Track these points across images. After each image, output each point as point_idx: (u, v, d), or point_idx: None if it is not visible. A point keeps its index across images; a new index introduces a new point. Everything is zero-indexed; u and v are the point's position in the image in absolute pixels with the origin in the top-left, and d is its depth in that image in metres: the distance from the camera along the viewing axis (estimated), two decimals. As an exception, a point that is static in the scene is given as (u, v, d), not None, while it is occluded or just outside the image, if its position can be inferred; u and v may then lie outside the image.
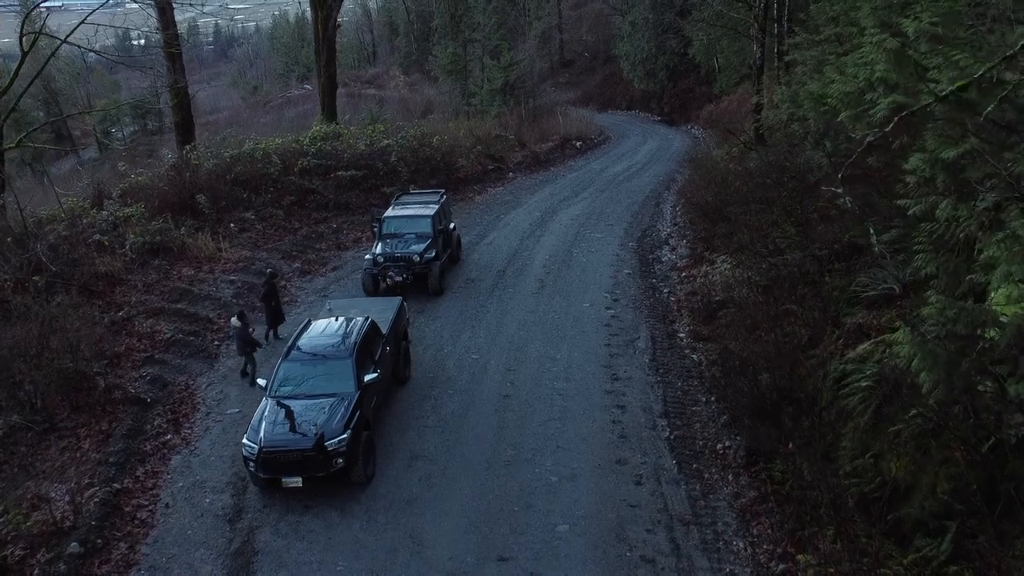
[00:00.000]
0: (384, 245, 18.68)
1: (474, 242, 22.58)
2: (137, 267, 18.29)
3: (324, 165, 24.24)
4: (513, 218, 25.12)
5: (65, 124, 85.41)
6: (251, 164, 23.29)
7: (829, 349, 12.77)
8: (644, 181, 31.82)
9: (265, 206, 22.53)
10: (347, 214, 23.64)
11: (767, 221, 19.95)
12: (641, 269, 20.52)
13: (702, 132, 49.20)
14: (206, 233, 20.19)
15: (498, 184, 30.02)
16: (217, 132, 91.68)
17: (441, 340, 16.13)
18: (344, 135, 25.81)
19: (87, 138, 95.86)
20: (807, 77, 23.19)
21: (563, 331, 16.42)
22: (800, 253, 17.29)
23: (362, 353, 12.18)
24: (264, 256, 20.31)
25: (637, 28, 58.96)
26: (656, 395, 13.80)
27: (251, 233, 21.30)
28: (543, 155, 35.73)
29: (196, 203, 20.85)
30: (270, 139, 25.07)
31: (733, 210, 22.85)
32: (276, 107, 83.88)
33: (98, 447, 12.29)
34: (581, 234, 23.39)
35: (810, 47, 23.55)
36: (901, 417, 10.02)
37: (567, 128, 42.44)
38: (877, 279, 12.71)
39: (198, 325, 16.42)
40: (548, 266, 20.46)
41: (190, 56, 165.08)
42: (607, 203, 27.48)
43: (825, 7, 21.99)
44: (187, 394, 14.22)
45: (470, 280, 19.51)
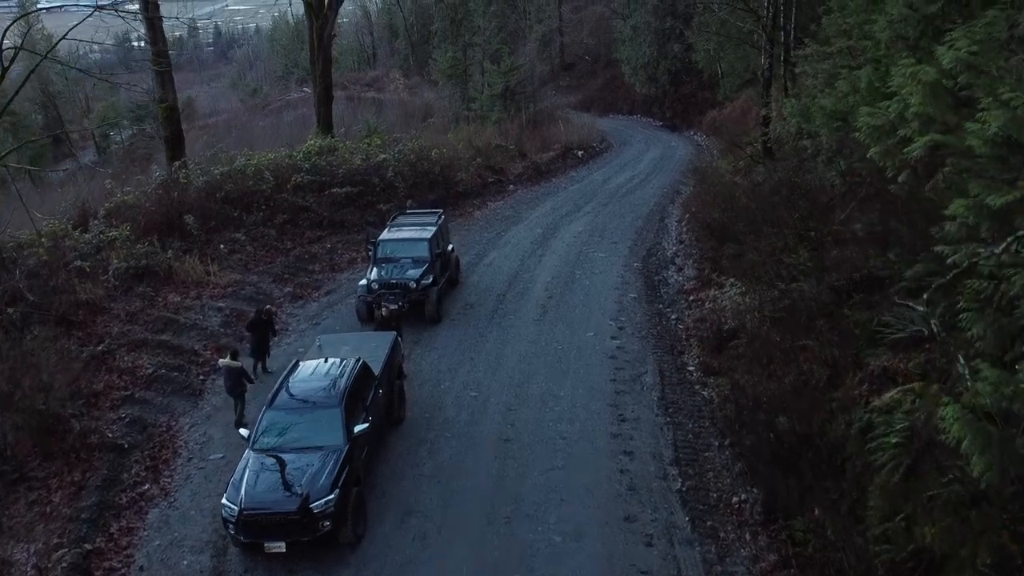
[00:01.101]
0: (379, 270, 17.87)
1: (473, 262, 21.76)
2: (121, 294, 17.47)
3: (318, 181, 23.43)
4: (514, 235, 24.29)
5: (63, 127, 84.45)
6: (242, 181, 22.47)
7: (851, 394, 11.94)
8: (648, 193, 31.00)
9: (257, 225, 21.72)
10: (342, 232, 22.82)
11: (778, 244, 19.15)
12: (647, 292, 19.70)
13: (705, 139, 48.44)
14: (194, 255, 19.38)
15: (498, 198, 29.20)
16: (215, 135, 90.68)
17: (439, 374, 15.31)
18: (340, 149, 24.99)
19: (86, 141, 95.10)
20: (817, 90, 22.40)
21: (566, 364, 15.60)
22: (815, 281, 16.49)
23: (352, 400, 11.36)
24: (255, 280, 19.51)
25: (639, 32, 58.19)
26: (666, 439, 12.98)
27: (241, 255, 20.49)
28: (544, 165, 34.91)
29: (184, 224, 20.03)
30: (263, 154, 24.25)
31: (741, 228, 22.07)
32: (275, 110, 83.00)
33: (70, 500, 11.48)
34: (584, 253, 22.56)
35: (821, 59, 22.74)
36: (937, 480, 9.22)
37: (568, 136, 41.63)
38: (903, 318, 11.90)
39: (183, 358, 15.61)
40: (550, 289, 19.64)
41: (190, 57, 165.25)
42: (610, 218, 26.65)
43: (837, 19, 21.17)
44: (168, 437, 13.41)
45: (469, 305, 18.69)
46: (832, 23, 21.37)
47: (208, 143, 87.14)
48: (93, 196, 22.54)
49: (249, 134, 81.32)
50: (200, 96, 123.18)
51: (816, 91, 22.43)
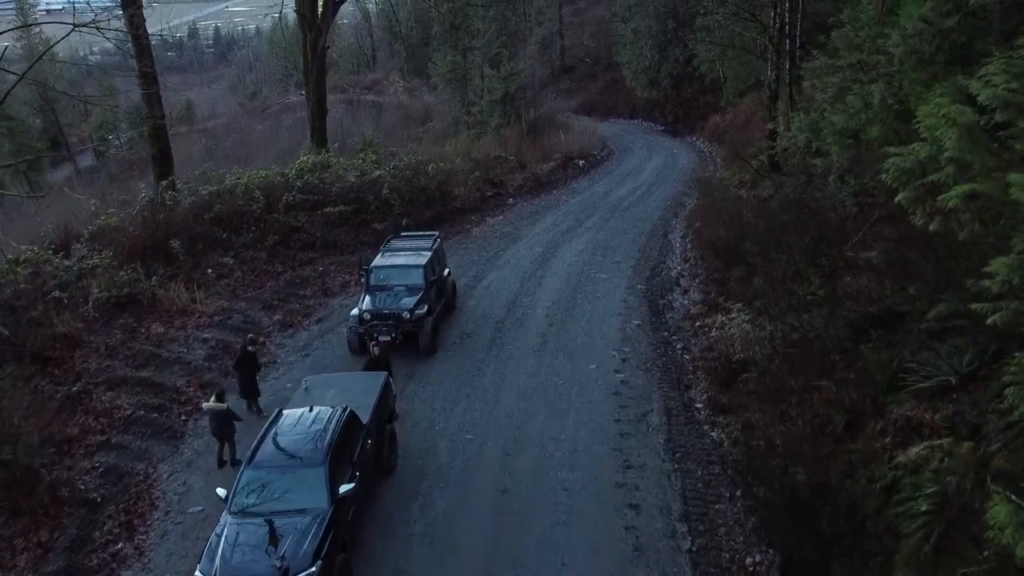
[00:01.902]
0: (371, 299, 17.09)
1: (471, 285, 20.98)
2: (101, 325, 16.69)
3: (311, 200, 22.65)
4: (513, 255, 23.50)
5: (61, 131, 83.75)
6: (232, 200, 21.69)
7: (873, 445, 11.15)
8: (651, 206, 30.20)
9: (246, 247, 20.94)
10: (335, 254, 22.04)
11: (788, 269, 18.36)
12: (651, 319, 18.92)
13: (708, 145, 47.66)
14: (179, 282, 18.60)
15: (497, 213, 28.41)
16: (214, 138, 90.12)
17: (433, 413, 14.53)
18: (333, 166, 24.20)
19: (84, 144, 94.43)
20: (827, 104, 21.62)
21: (568, 401, 14.81)
22: (828, 312, 15.69)
23: (338, 457, 10.58)
24: (243, 307, 18.73)
25: (639, 35, 57.45)
26: (674, 489, 12.19)
27: (229, 280, 19.71)
28: (545, 176, 34.13)
29: (170, 248, 19.25)
30: (254, 171, 23.47)
31: (748, 249, 21.29)
32: (274, 114, 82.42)
33: (35, 564, 10.72)
34: (586, 274, 21.78)
35: (830, 72, 21.95)
36: (973, 555, 8.46)
37: (569, 145, 40.83)
38: (926, 364, 11.10)
39: (164, 397, 14.83)
40: (551, 316, 18.86)
41: (190, 59, 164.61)
42: (612, 234, 25.86)
43: (847, 33, 20.37)
44: (145, 487, 12.63)
45: (466, 334, 17.91)
46: (842, 36, 20.58)
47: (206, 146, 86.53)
48: (78, 217, 21.74)
49: (247, 138, 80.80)
50: (199, 98, 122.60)
51: (825, 105, 21.66)
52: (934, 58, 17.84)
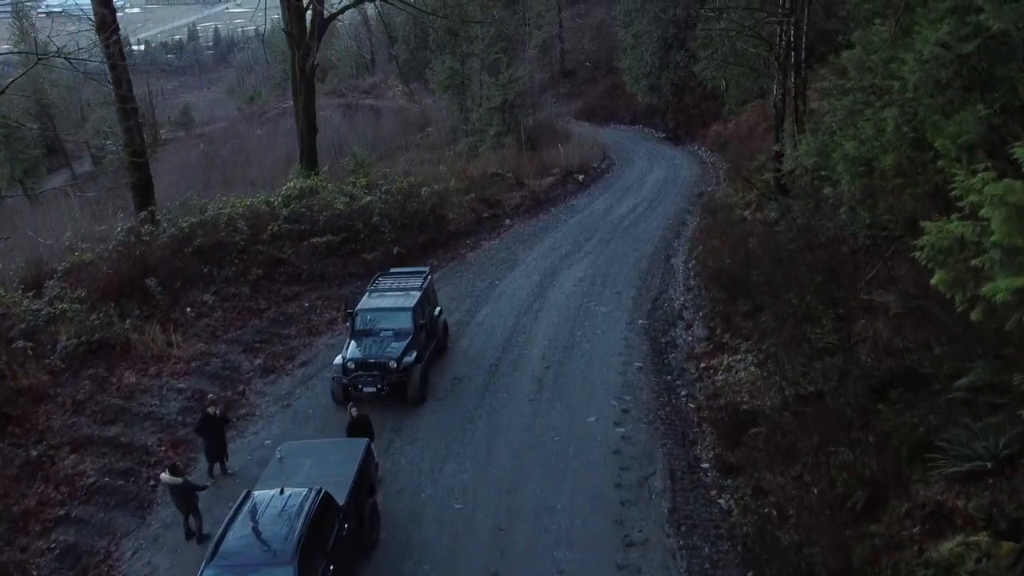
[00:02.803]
0: (356, 345, 16.10)
1: (464, 320, 20.00)
2: (69, 376, 15.71)
3: (297, 230, 21.66)
4: (509, 284, 22.51)
5: (57, 137, 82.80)
6: (214, 231, 20.72)
7: (899, 532, 10.15)
8: (652, 226, 29.17)
9: (228, 282, 19.96)
10: (322, 287, 21.06)
11: (798, 307, 17.37)
12: (653, 359, 17.92)
13: (710, 155, 46.71)
14: (156, 323, 17.64)
15: (493, 235, 27.40)
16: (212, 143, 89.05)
17: (419, 477, 13.54)
18: (322, 192, 23.19)
19: (82, 151, 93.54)
20: (836, 126, 20.59)
21: (565, 461, 13.82)
22: (842, 362, 14.70)
23: (309, 552, 9.58)
24: (222, 350, 17.75)
25: (640, 41, 56.51)
26: (679, 570, 11.20)
27: (209, 319, 18.73)
28: (543, 193, 33.12)
29: (147, 287, 18.27)
30: (238, 199, 22.48)
31: (754, 280, 20.32)
32: (272, 118, 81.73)
33: (-22, 669, 9.76)
34: (585, 307, 20.78)
35: (840, 94, 20.93)
36: None
37: (568, 158, 39.84)
38: (957, 442, 10.10)
39: (132, 459, 13.86)
40: (547, 357, 17.86)
41: (189, 61, 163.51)
42: (613, 259, 24.85)
43: (858, 55, 19.32)
44: (105, 569, 11.66)
45: (457, 380, 16.91)
46: (853, 59, 19.55)
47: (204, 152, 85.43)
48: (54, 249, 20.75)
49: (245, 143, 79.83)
50: (198, 101, 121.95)
51: (834, 127, 20.64)
52: (952, 83, 16.84)
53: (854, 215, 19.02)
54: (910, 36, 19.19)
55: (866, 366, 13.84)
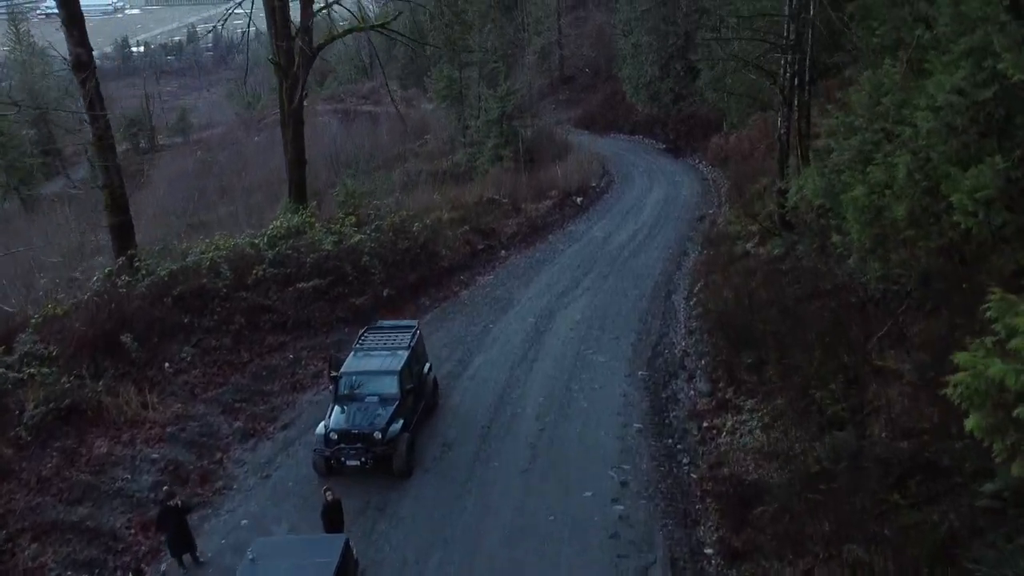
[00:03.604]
0: (340, 412, 15.25)
1: (455, 372, 19.17)
2: (36, 447, 14.87)
3: (283, 274, 20.80)
4: (503, 328, 21.66)
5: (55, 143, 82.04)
6: (196, 277, 19.87)
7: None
8: (652, 257, 28.31)
9: (209, 332, 19.12)
10: (307, 335, 20.22)
11: (805, 365, 16.53)
12: (653, 419, 17.10)
13: (710, 170, 45.93)
14: (130, 384, 16.80)
15: (488, 270, 26.55)
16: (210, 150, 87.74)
17: (403, 569, 12.67)
18: (309, 232, 22.32)
19: (79, 156, 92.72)
20: (844, 166, 19.73)
21: (559, 548, 12.97)
22: (854, 438, 13.85)
23: None
24: (200, 412, 16.91)
25: (640, 50, 55.77)
26: None
27: (188, 376, 17.89)
28: (540, 220, 32.26)
29: (122, 343, 17.43)
30: (222, 239, 21.61)
31: (759, 327, 19.50)
32: (269, 124, 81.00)
33: None
34: (582, 356, 19.94)
35: (848, 133, 20.08)
36: None
37: (567, 177, 39.04)
38: (986, 563, 9.24)
39: (98, 546, 13.02)
40: (542, 417, 17.02)
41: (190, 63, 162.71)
42: (611, 298, 23.99)
43: (867, 98, 18.43)
44: None
45: (447, 445, 16.06)
46: (862, 101, 18.67)
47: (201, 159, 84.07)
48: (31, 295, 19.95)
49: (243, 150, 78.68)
50: (198, 103, 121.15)
51: (842, 166, 19.79)
52: (967, 130, 16.01)
53: (864, 265, 18.16)
54: (922, 77, 18.33)
55: (880, 447, 13.01)
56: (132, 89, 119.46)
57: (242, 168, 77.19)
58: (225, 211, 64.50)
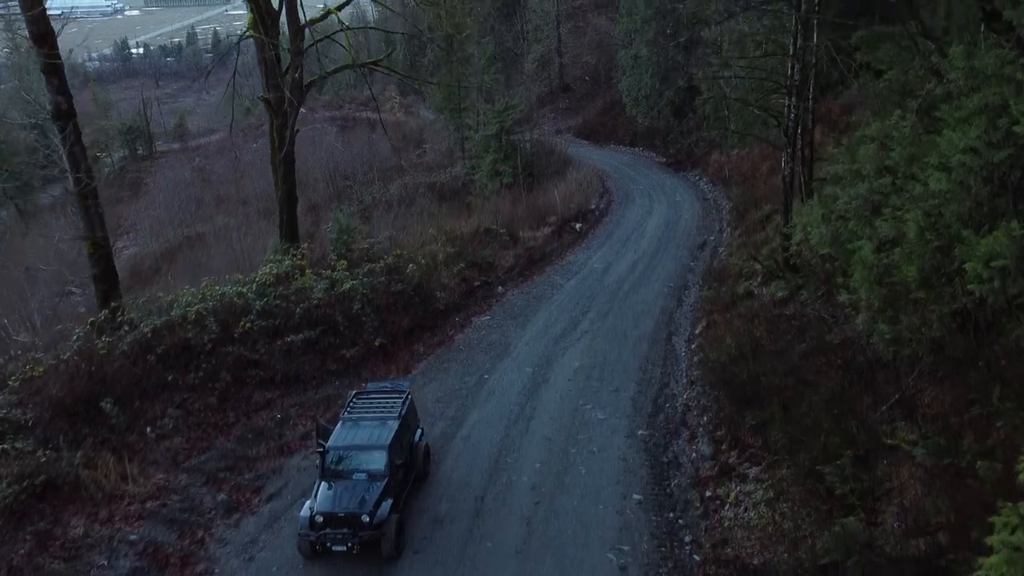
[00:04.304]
0: (326, 489, 14.56)
1: (448, 432, 18.51)
2: (8, 531, 14.24)
3: (271, 326, 20.15)
4: (499, 380, 20.99)
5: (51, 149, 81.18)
6: (181, 331, 19.22)
7: None
8: (652, 291, 27.66)
9: (193, 391, 18.48)
10: (296, 391, 19.58)
11: (812, 437, 15.88)
12: (654, 487, 16.44)
13: (711, 187, 45.38)
14: (109, 454, 16.16)
15: (485, 308, 25.89)
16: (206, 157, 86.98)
17: (391, 671, 12.09)
18: (299, 279, 21.67)
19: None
20: (851, 215, 19.06)
21: (554, 649, 12.36)
22: (865, 528, 13.21)
23: None
24: (183, 482, 16.26)
25: (640, 62, 55.23)
26: None
27: (171, 441, 17.25)
28: (538, 250, 31.62)
29: (101, 408, 16.80)
30: (209, 287, 20.92)
31: (764, 383, 18.87)
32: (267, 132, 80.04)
33: None
34: (580, 413, 19.29)
35: (854, 180, 19.42)
36: None
37: (567, 200, 38.46)
38: None
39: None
40: (538, 487, 16.35)
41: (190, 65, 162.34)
42: (611, 341, 23.32)
43: (874, 151, 17.73)
44: None
45: (438, 521, 15.37)
46: (869, 154, 17.99)
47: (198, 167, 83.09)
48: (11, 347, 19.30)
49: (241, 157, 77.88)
50: (196, 108, 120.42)
51: (849, 214, 19.13)
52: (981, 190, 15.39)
53: (872, 325, 17.48)
54: (933, 126, 17.69)
55: (893, 543, 12.37)
56: (131, 91, 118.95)
57: (239, 177, 76.59)
58: (222, 222, 63.93)
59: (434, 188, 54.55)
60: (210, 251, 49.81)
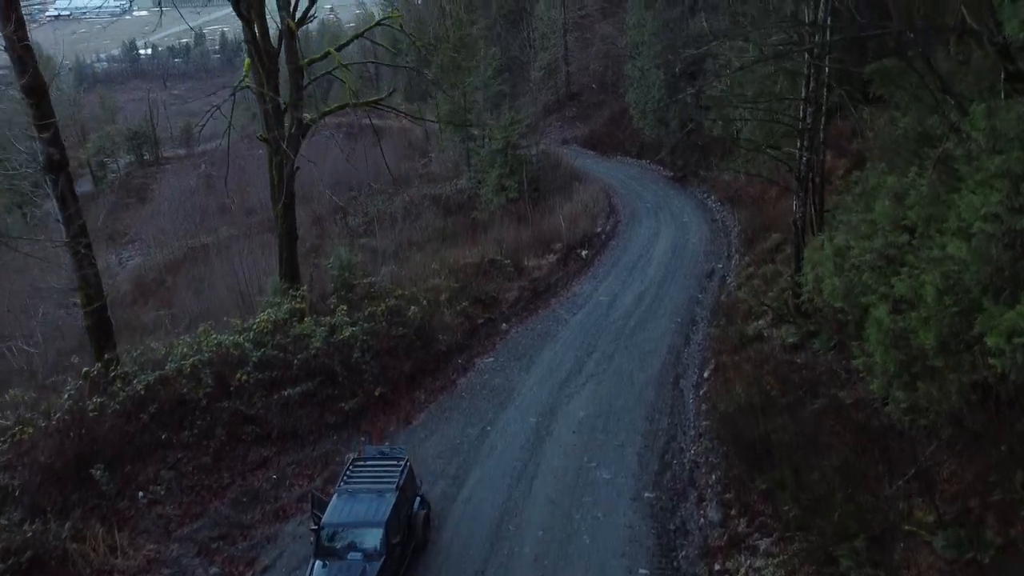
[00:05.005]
0: (319, 569, 14.08)
1: (449, 494, 17.96)
2: (-8, 615, 13.82)
3: (269, 378, 19.66)
4: (502, 431, 20.44)
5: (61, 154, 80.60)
6: (175, 386, 18.75)
7: None
8: (659, 328, 27.04)
9: (187, 450, 18.01)
10: (293, 448, 19.08)
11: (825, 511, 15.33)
12: (660, 560, 15.91)
13: (719, 207, 44.72)
14: (98, 524, 15.69)
15: (488, 349, 25.32)
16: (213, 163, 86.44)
17: None
18: (299, 325, 21.16)
19: (83, 168, 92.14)
20: (866, 266, 18.45)
21: None
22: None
23: None
24: (175, 553, 15.78)
25: (647, 75, 54.64)
26: None
27: (163, 507, 16.76)
28: (542, 281, 31.06)
29: (91, 475, 16.33)
30: (205, 335, 20.43)
31: (775, 442, 18.35)
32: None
33: None
34: (585, 472, 18.72)
35: (868, 232, 18.80)
36: None
37: (573, 222, 37.94)
38: None
39: None
40: (540, 560, 15.80)
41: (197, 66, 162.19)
42: (617, 387, 22.73)
43: (891, 207, 17.11)
44: None
45: (436, 602, 14.92)
46: (884, 211, 17.36)
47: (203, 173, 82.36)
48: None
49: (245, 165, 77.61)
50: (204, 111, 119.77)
51: (864, 267, 18.52)
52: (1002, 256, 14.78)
53: (887, 390, 16.88)
54: (952, 181, 17.07)
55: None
56: (139, 92, 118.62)
57: (246, 185, 76.15)
58: (226, 233, 63.59)
59: (439, 201, 54.05)
60: (213, 266, 49.50)
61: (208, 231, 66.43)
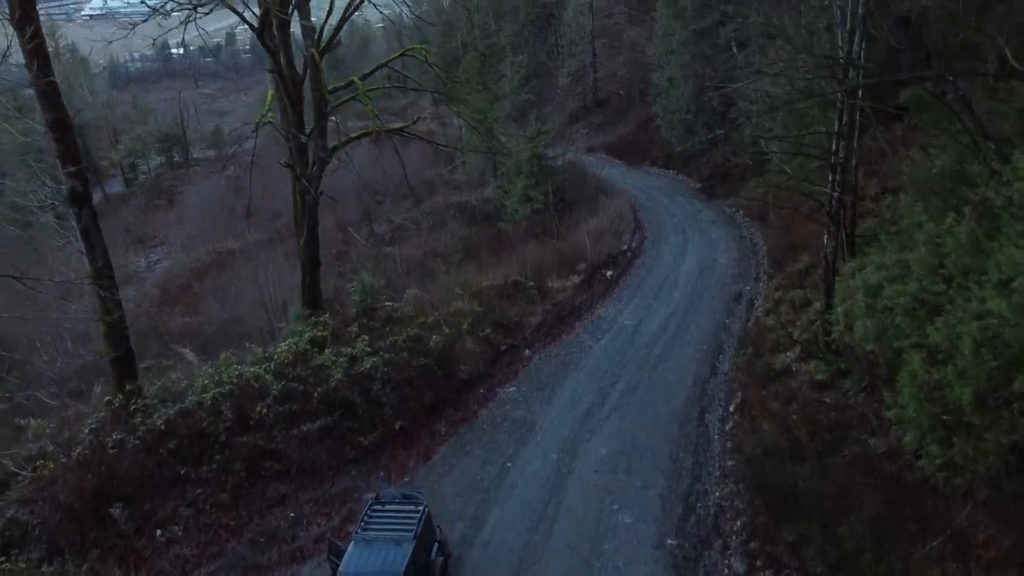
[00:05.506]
0: (336, 622, 13.95)
1: (468, 536, 17.69)
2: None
3: (288, 412, 19.54)
4: (522, 470, 20.11)
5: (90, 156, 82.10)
6: (194, 420, 18.67)
7: None
8: (685, 356, 26.58)
9: (206, 485, 17.92)
10: (312, 484, 18.93)
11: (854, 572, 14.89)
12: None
13: (747, 223, 43.99)
14: (115, 566, 15.63)
15: (510, 378, 25.02)
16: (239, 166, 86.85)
17: None
18: (320, 356, 21.02)
19: (115, 169, 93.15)
20: (899, 309, 17.96)
21: None
22: None
23: None
24: (192, 595, 15.71)
25: (675, 84, 54.07)
26: None
27: (181, 546, 16.69)
28: (566, 304, 30.71)
29: (111, 514, 16.29)
30: (226, 366, 20.33)
31: (801, 486, 17.94)
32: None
33: None
34: (606, 515, 18.35)
35: (904, 274, 18.29)
36: None
37: (598, 240, 37.53)
38: None
39: None
40: (559, 612, 15.56)
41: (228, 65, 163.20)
42: (640, 420, 22.33)
43: (927, 255, 16.59)
44: None
45: (452, 659, 14.68)
46: (920, 260, 16.85)
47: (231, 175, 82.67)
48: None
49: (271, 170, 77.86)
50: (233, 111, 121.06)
51: (898, 309, 18.02)
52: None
53: (921, 445, 16.41)
54: (990, 225, 16.54)
55: None
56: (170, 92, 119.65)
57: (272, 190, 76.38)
58: (253, 238, 63.77)
59: (465, 210, 53.84)
60: (239, 272, 49.69)
61: (235, 235, 66.56)
